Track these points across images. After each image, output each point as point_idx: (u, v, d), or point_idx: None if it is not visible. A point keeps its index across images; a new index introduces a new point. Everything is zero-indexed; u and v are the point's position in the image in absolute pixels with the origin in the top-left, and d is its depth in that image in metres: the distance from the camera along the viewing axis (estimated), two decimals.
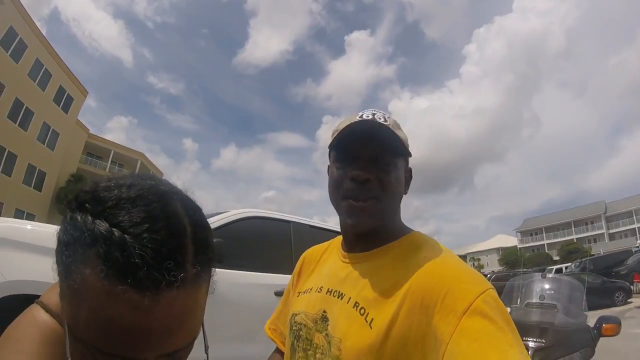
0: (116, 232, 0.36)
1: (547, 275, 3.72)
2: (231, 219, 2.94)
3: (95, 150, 32.35)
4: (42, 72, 23.37)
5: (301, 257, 0.99)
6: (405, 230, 0.80)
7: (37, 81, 23.03)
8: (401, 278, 0.67)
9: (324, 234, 3.41)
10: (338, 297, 0.74)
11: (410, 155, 0.80)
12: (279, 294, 2.70)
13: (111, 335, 0.37)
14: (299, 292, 0.88)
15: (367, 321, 0.66)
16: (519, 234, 64.97)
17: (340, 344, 0.68)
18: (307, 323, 0.78)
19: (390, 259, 0.74)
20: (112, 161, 32.96)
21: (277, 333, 0.97)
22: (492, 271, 25.94)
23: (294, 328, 0.81)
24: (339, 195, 0.76)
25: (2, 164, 21.05)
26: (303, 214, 3.75)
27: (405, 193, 0.81)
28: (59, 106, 25.56)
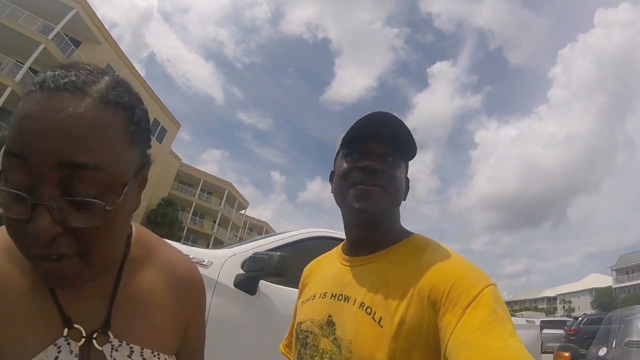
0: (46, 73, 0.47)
1: None
2: (299, 238, 2.83)
3: (186, 178, 35.19)
4: None
5: (305, 270, 1.00)
6: (407, 233, 0.81)
7: None
8: (406, 277, 0.68)
9: None
10: (344, 301, 0.75)
11: (414, 155, 0.81)
12: None
13: (19, 131, 0.43)
14: (303, 301, 0.88)
15: (375, 320, 0.67)
16: (614, 272, 56.15)
17: (351, 346, 0.68)
18: (313, 330, 0.77)
19: (394, 260, 0.75)
20: (201, 189, 35.52)
21: (289, 349, 0.96)
22: (584, 313, 21.72)
23: (300, 336, 0.81)
24: (346, 185, 0.77)
25: None
26: None
27: (404, 199, 0.83)
28: (153, 137, 27.96)
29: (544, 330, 4.79)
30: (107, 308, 0.57)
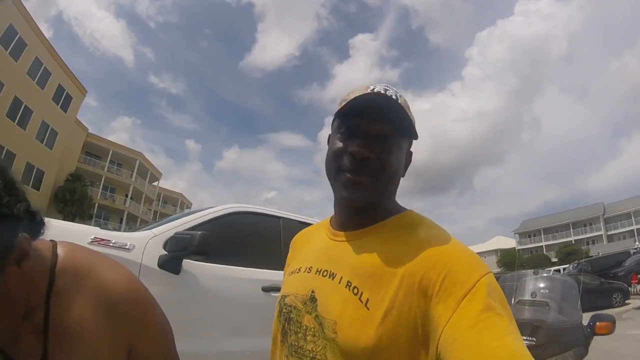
0: None
1: (540, 273, 3.68)
2: (220, 214, 2.90)
3: (94, 149, 32.37)
4: (41, 70, 23.33)
5: (293, 240, 0.97)
6: (399, 209, 0.77)
7: (36, 80, 23.00)
8: (396, 257, 0.65)
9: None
10: (329, 277, 0.71)
11: (416, 137, 0.76)
12: (266, 289, 2.70)
13: None
14: (288, 274, 0.85)
15: (362, 301, 0.64)
16: (517, 235, 64.66)
17: (336, 326, 0.65)
18: (296, 305, 0.75)
19: (384, 236, 0.71)
20: (110, 161, 33.07)
21: None
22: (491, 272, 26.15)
23: (284, 310, 0.78)
24: (335, 166, 0.73)
25: None
26: (304, 215, 3.68)
27: (403, 176, 0.78)
28: (58, 105, 25.52)
29: None
30: (42, 344, 0.60)
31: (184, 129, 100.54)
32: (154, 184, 40.31)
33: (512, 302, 3.28)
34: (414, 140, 0.78)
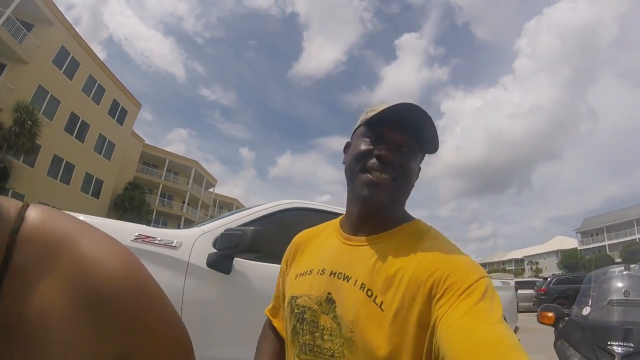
0: None
1: (633, 267, 3.21)
2: (273, 210, 2.69)
3: (150, 159, 34.34)
4: (95, 87, 25.17)
5: (293, 242, 0.99)
6: (408, 218, 0.82)
7: (91, 96, 24.83)
8: (406, 263, 0.70)
9: None
10: (343, 280, 0.75)
11: (435, 151, 0.80)
12: None
13: None
14: (297, 275, 0.87)
15: (376, 303, 0.69)
16: (579, 234, 59.95)
17: (353, 326, 0.69)
18: (311, 305, 0.78)
19: (395, 244, 0.75)
20: (167, 169, 34.82)
21: (275, 312, 0.99)
22: (553, 274, 23.32)
23: (296, 311, 0.81)
24: (359, 167, 0.78)
25: (61, 173, 22.87)
26: None
27: (413, 186, 0.83)
28: (113, 118, 27.38)
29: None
30: None
31: (237, 137, 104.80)
32: (209, 190, 41.85)
33: (603, 303, 2.88)
34: (427, 154, 0.83)
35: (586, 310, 2.88)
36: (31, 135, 18.66)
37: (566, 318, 3.03)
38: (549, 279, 16.87)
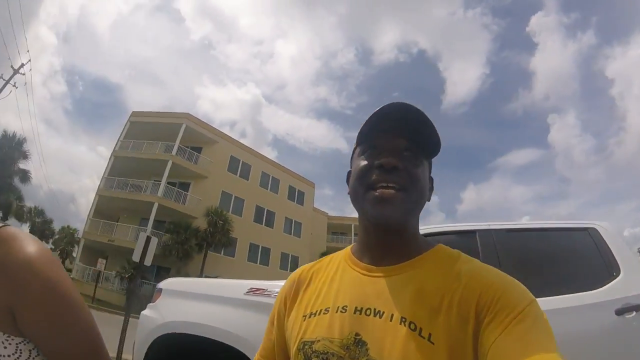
0: None
1: None
2: None
3: (337, 228, 36.91)
4: (270, 180, 29.69)
5: (292, 277, 0.85)
6: (431, 243, 0.75)
7: (269, 188, 29.33)
8: (447, 288, 0.64)
9: (528, 236, 2.70)
10: (374, 315, 0.65)
11: (436, 154, 0.75)
12: (621, 311, 2.18)
13: None
14: (305, 316, 0.73)
15: (424, 337, 0.60)
16: None
17: None
18: (335, 351, 0.65)
19: (427, 270, 0.68)
20: (355, 233, 36.42)
21: None
22: None
23: (314, 359, 0.68)
24: (363, 186, 0.70)
25: (259, 257, 26.88)
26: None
27: (428, 200, 0.76)
28: (294, 202, 31.23)
29: None
30: None
31: None
32: None
33: None
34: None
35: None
36: (224, 232, 22.99)
37: None
38: None
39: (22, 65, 19.56)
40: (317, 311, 0.72)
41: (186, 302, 2.69)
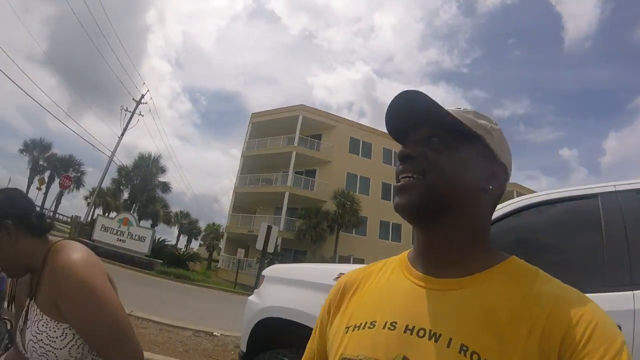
0: None
1: None
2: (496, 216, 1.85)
3: None
4: (392, 155, 28.68)
5: (339, 282, 0.75)
6: (502, 253, 0.62)
7: (392, 164, 28.32)
8: (525, 313, 0.52)
9: None
10: (429, 338, 0.54)
11: (480, 133, 0.62)
12: None
13: None
14: (348, 327, 0.63)
15: None
16: None
17: None
18: None
19: (500, 288, 0.56)
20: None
21: None
22: None
23: None
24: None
25: (391, 233, 26.75)
26: None
27: (492, 190, 0.62)
28: None
29: None
30: (32, 289, 1.04)
31: (550, 141, 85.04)
32: None
33: None
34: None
35: None
36: (353, 212, 23.61)
37: None
38: None
39: (143, 96, 23.36)
40: (361, 324, 0.62)
41: (282, 287, 2.80)
